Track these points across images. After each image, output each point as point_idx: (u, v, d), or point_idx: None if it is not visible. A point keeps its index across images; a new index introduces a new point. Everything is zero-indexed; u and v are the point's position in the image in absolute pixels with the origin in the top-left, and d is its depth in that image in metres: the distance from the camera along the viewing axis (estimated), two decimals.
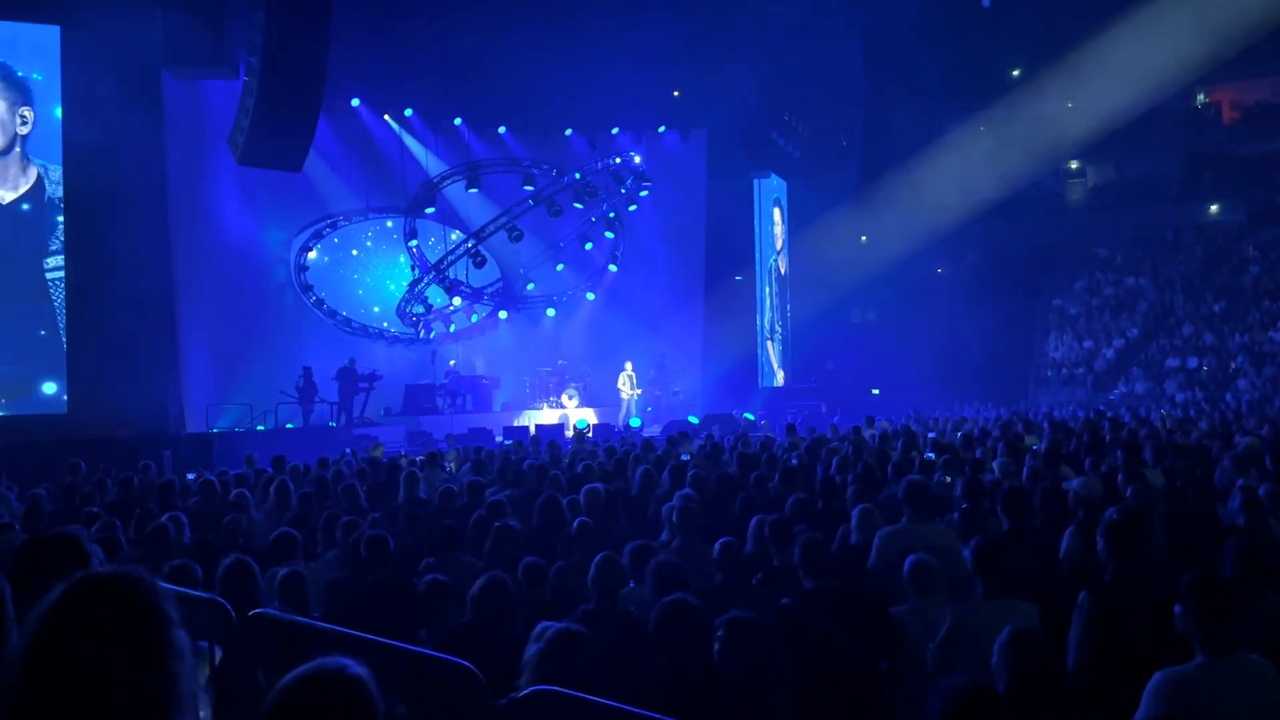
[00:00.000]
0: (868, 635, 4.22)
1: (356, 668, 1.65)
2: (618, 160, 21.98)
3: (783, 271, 27.99)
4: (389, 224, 23.19)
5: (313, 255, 22.22)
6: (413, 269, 22.00)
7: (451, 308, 22.61)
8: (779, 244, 27.82)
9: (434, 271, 21.06)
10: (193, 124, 18.48)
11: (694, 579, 4.69)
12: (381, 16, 18.03)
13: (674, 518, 6.11)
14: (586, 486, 7.01)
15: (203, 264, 18.85)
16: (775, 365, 27.64)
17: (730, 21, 21.31)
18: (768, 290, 27.36)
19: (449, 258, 21.47)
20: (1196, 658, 3.26)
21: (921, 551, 4.69)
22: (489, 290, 23.79)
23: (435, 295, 22.06)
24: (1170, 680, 3.19)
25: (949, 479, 7.71)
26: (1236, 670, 3.22)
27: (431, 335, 22.03)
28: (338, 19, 14.03)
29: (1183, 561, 4.47)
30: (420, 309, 21.41)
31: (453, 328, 22.70)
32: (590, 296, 24.02)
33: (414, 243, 21.93)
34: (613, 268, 23.84)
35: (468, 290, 22.58)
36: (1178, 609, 3.33)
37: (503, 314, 23.67)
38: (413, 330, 21.97)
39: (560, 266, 23.96)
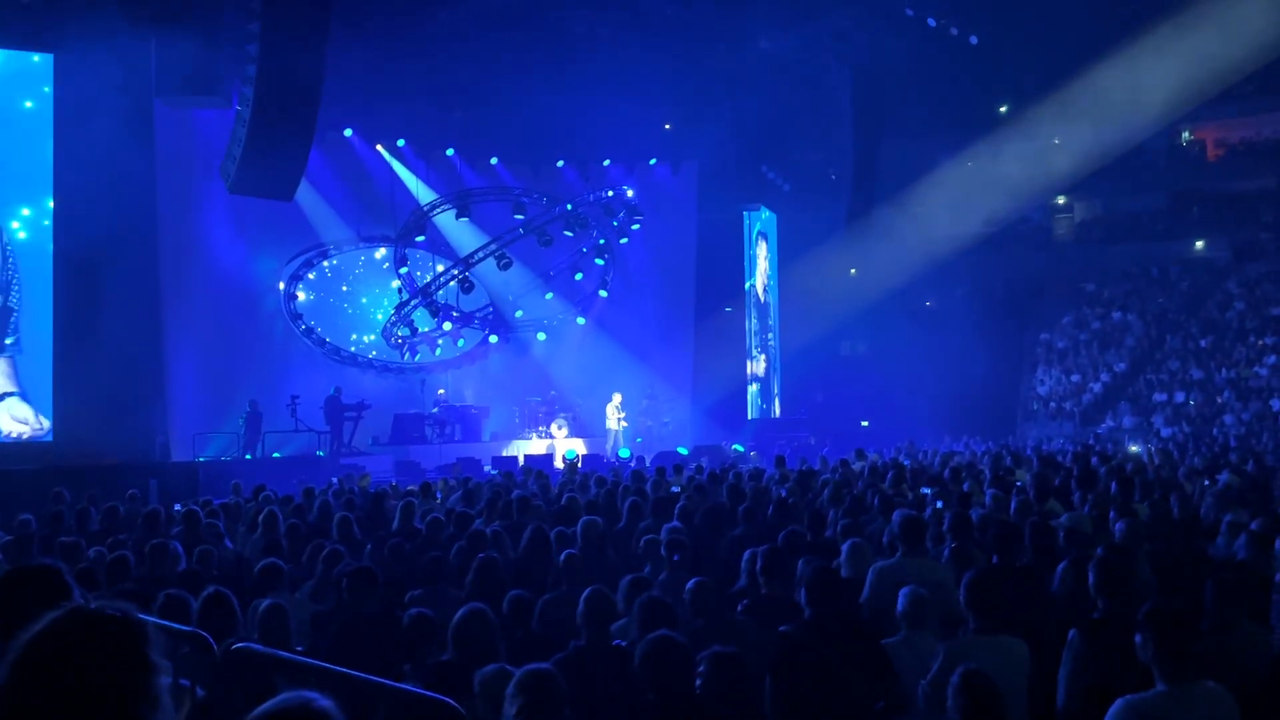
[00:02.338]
0: (866, 669, 4.20)
1: (323, 701, 1.62)
2: (610, 193, 22.08)
3: (762, 299, 28.07)
4: (378, 254, 23.23)
5: (303, 284, 22.20)
6: (400, 293, 21.98)
7: (439, 333, 22.50)
8: (761, 274, 27.92)
9: (421, 295, 21.02)
10: (184, 152, 18.51)
11: (683, 614, 4.65)
12: (376, 47, 18.15)
13: (661, 551, 6.08)
14: (585, 519, 6.97)
15: (192, 291, 18.82)
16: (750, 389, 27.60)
17: (721, 56, 21.51)
18: (750, 321, 27.44)
19: (437, 281, 21.43)
20: (1157, 685, 3.38)
21: (915, 586, 4.68)
22: (479, 315, 23.78)
23: (423, 320, 21.98)
24: (1131, 707, 3.32)
25: (940, 506, 7.70)
26: (1196, 697, 3.36)
27: (416, 358, 21.97)
28: (332, 49, 14.12)
29: (1171, 597, 4.47)
30: (405, 331, 21.34)
31: (438, 351, 22.61)
32: (581, 321, 24.04)
33: (405, 269, 21.95)
34: (603, 293, 23.86)
35: (457, 315, 22.56)
36: (1138, 638, 3.45)
37: (493, 338, 23.65)
38: (396, 351, 21.88)
39: (549, 295, 24.00)
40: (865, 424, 26.83)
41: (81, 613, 1.59)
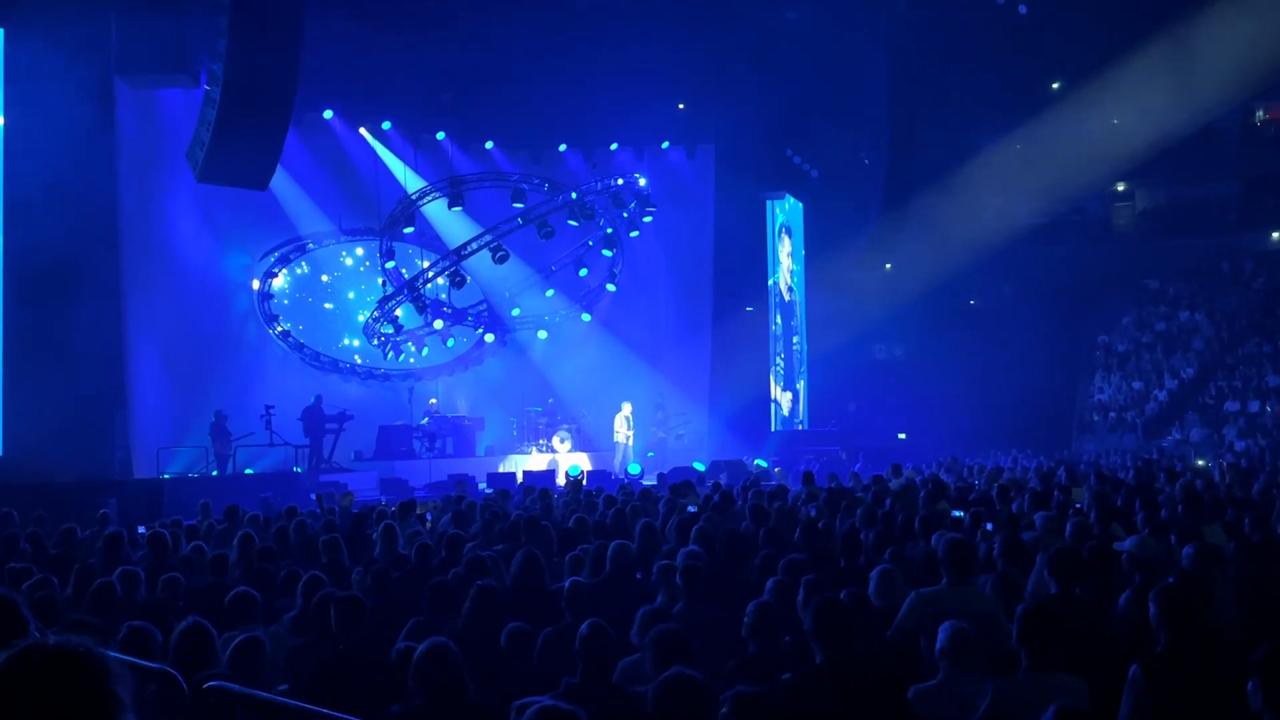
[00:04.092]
0: None
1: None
2: (619, 181, 22.05)
3: (787, 298, 28.07)
4: (360, 251, 23.29)
5: (279, 282, 22.28)
6: (385, 286, 21.95)
7: (430, 330, 22.39)
8: (785, 270, 27.92)
9: (407, 288, 21.01)
10: (147, 137, 18.59)
11: (702, 648, 4.64)
12: (359, 20, 18.19)
13: (677, 579, 6.07)
14: (615, 542, 6.98)
15: (156, 291, 18.89)
16: (780, 401, 27.58)
17: (741, 29, 21.53)
18: (775, 319, 27.42)
19: (425, 274, 21.41)
20: None
21: (960, 618, 4.64)
22: (472, 311, 23.81)
23: (409, 318, 21.92)
24: None
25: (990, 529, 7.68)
26: None
27: (400, 359, 22.00)
28: (311, 22, 14.16)
29: (1258, 631, 4.44)
30: (389, 329, 21.36)
31: (425, 351, 22.63)
32: (586, 318, 24.03)
33: (391, 264, 21.98)
34: (611, 286, 23.82)
35: (449, 311, 22.56)
36: (1250, 685, 3.31)
37: (489, 337, 23.68)
38: (379, 352, 21.86)
39: (550, 293, 24.03)
40: (902, 437, 26.78)
41: (39, 649, 1.59)
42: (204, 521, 10.95)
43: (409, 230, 21.90)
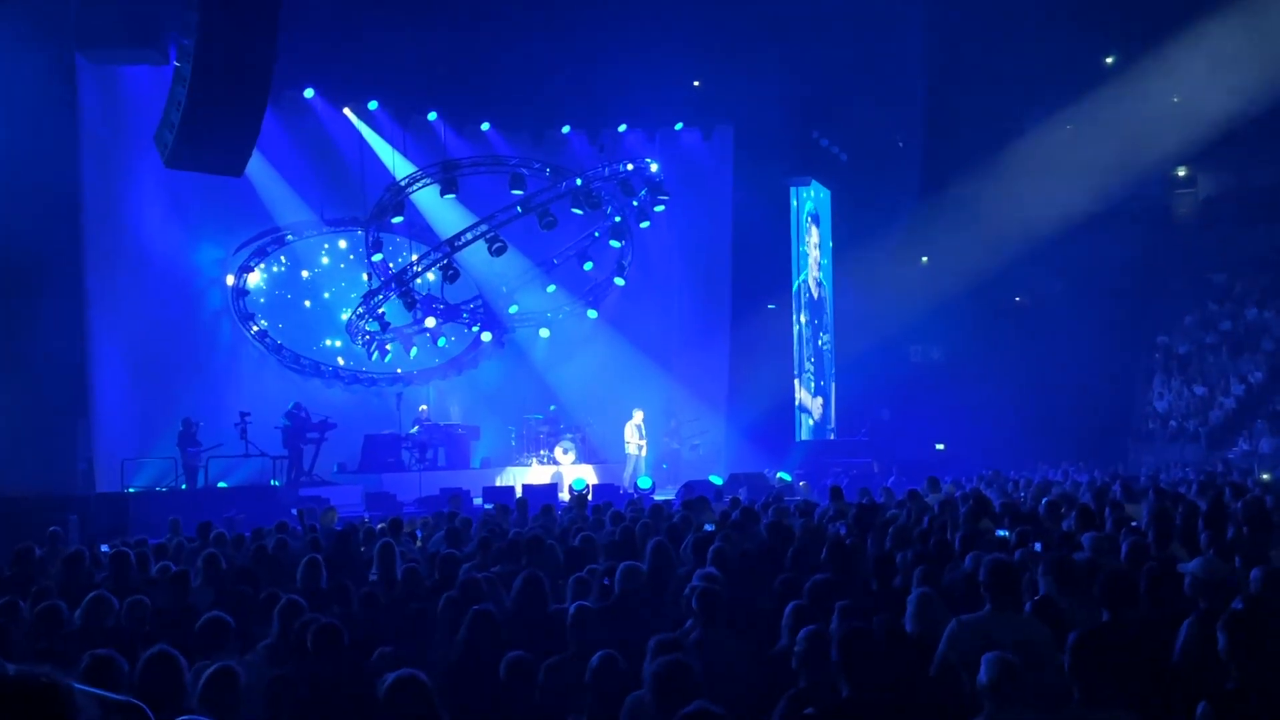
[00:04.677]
0: None
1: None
2: (628, 166, 22.06)
3: (814, 294, 28.04)
4: (344, 243, 23.35)
5: (255, 278, 22.35)
6: (371, 278, 21.96)
7: (420, 328, 22.39)
8: (812, 263, 27.90)
9: (395, 282, 21.04)
10: (112, 119, 18.70)
11: (720, 681, 4.64)
12: None
13: (693, 603, 6.07)
14: (624, 565, 6.99)
15: (121, 287, 18.97)
16: (811, 409, 27.57)
17: None
18: (799, 320, 27.41)
19: (415, 267, 21.43)
20: None
21: (1005, 647, 4.63)
22: (467, 308, 23.82)
23: (397, 314, 21.93)
24: None
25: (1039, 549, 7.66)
26: None
27: (387, 359, 22.04)
28: None
29: None
30: (374, 326, 21.40)
31: (414, 351, 22.67)
32: (593, 314, 24.02)
33: (378, 257, 22.01)
34: (619, 281, 23.85)
35: (440, 308, 22.58)
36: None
37: (485, 336, 23.71)
38: (364, 351, 21.90)
39: (551, 288, 24.05)
40: (940, 447, 26.70)
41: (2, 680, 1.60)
42: (173, 540, 10.97)
43: (397, 220, 21.94)
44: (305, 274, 23.17)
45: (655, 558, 7.82)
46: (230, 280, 21.96)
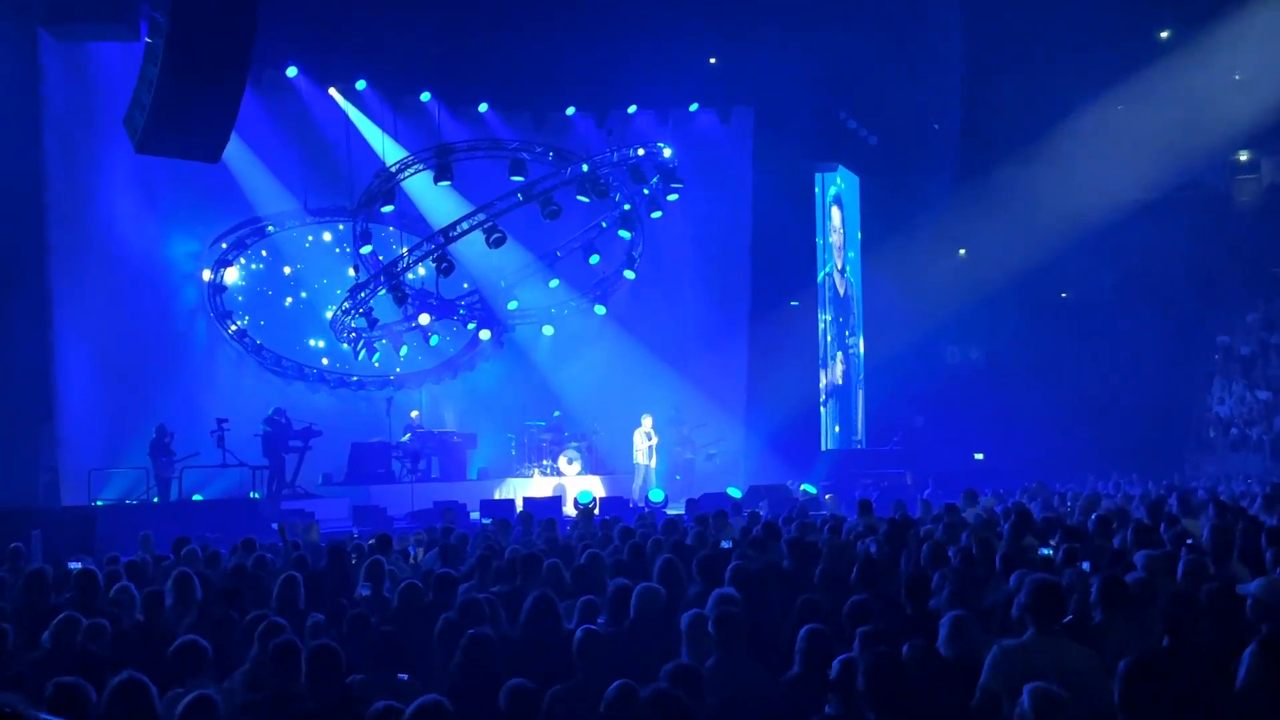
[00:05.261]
0: None
1: None
2: (639, 151, 22.04)
3: (840, 290, 28.01)
4: (329, 235, 23.37)
5: (234, 273, 22.39)
6: (357, 269, 21.93)
7: (410, 325, 22.36)
8: (838, 256, 27.87)
9: (384, 276, 21.02)
10: (78, 100, 18.74)
11: (738, 712, 4.64)
12: None
13: (710, 628, 6.08)
14: (641, 586, 6.99)
15: (89, 283, 19.01)
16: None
17: None
18: (823, 319, 27.40)
19: (405, 259, 21.42)
20: None
21: (1050, 676, 4.62)
22: (463, 304, 23.82)
23: (389, 312, 21.90)
24: None
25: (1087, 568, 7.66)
26: None
27: (375, 358, 22.04)
28: None
29: None
30: (361, 323, 21.41)
31: (404, 350, 22.68)
32: (600, 310, 24.00)
33: (367, 249, 21.98)
34: (629, 274, 23.81)
35: (434, 303, 22.58)
36: None
37: (484, 334, 23.71)
38: (351, 350, 21.89)
39: (554, 283, 24.06)
40: (979, 457, 26.64)
41: None
42: (145, 557, 11.00)
43: (388, 209, 21.96)
44: (288, 269, 23.19)
45: (663, 578, 7.83)
46: (206, 275, 21.98)
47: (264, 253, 22.98)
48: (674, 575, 7.99)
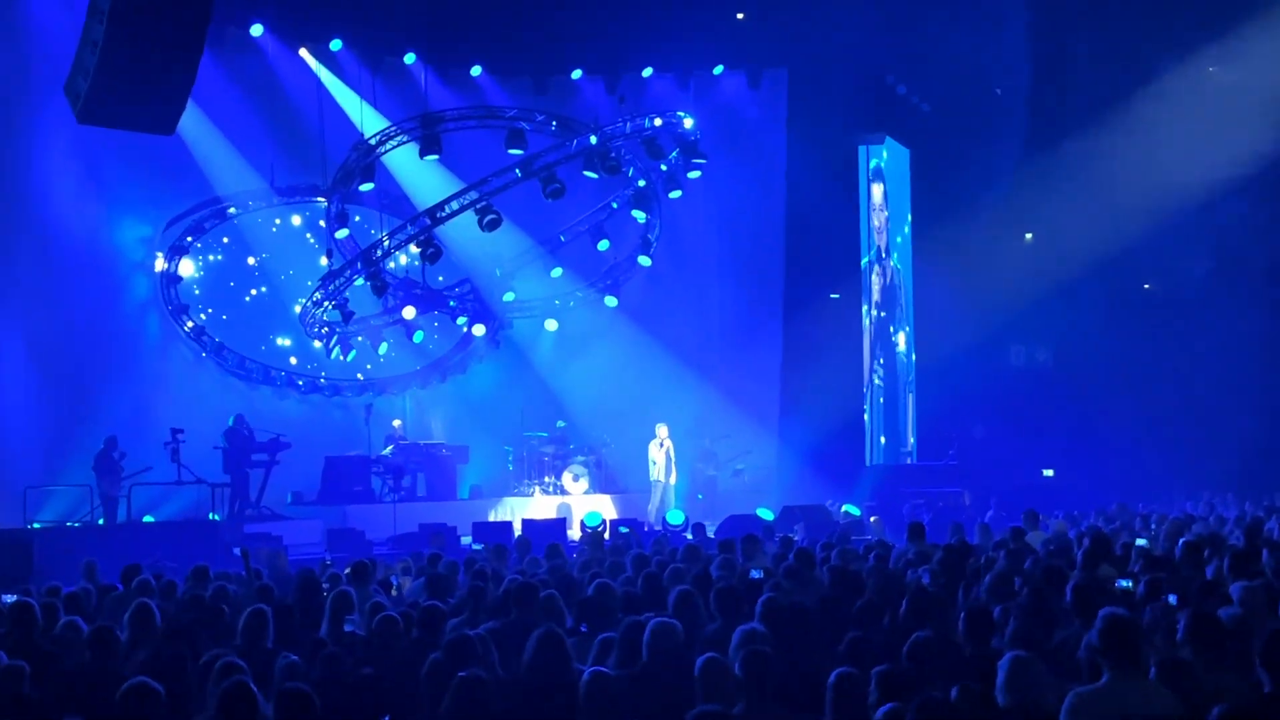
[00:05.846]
0: None
1: None
2: (655, 122, 22.02)
3: (888, 281, 27.97)
4: (299, 219, 23.41)
5: (190, 263, 22.43)
6: (330, 255, 21.91)
7: (391, 319, 22.35)
8: (881, 241, 27.82)
9: (361, 262, 20.97)
10: (11, 63, 18.82)
11: None
12: None
13: (737, 670, 6.08)
14: (655, 622, 7.00)
15: (23, 273, 19.12)
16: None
17: None
18: (868, 313, 27.37)
19: (386, 244, 21.34)
20: None
21: None
22: (452, 295, 23.81)
23: (367, 305, 21.92)
24: None
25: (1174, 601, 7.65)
26: None
27: (349, 357, 22.05)
28: None
29: None
30: (335, 316, 21.42)
31: (384, 347, 22.69)
32: (611, 302, 23.97)
33: (343, 233, 21.99)
34: (644, 261, 23.79)
35: (419, 293, 22.54)
36: None
37: (477, 329, 23.70)
38: (323, 345, 21.89)
39: (557, 272, 24.05)
40: (1049, 473, 26.56)
41: None
42: (89, 587, 11.04)
43: (367, 187, 21.97)
44: (252, 259, 23.27)
45: (679, 611, 7.83)
46: (159, 265, 22.06)
47: (225, 239, 23.05)
48: (693, 609, 8.00)
